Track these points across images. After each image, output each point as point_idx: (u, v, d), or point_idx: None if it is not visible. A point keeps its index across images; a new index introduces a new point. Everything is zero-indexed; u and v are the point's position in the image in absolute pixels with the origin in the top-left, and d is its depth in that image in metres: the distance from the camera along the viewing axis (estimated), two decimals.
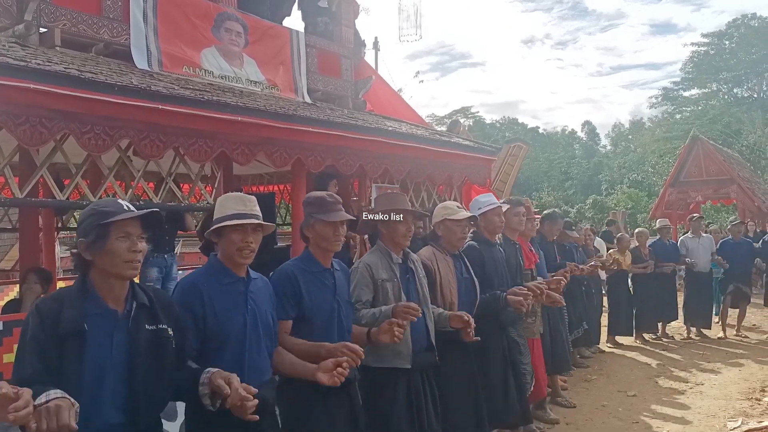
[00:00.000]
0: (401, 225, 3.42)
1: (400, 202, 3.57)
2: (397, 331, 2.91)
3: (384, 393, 3.26)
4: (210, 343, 2.49)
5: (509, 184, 12.32)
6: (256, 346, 2.59)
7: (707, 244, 9.60)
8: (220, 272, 2.61)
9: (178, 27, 5.73)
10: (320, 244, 2.98)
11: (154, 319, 2.20)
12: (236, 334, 2.53)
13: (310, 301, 2.88)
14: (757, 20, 38.26)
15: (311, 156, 5.43)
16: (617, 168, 43.29)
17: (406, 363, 3.27)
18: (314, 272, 2.97)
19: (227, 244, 2.58)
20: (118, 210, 2.14)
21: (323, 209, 2.96)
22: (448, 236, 3.94)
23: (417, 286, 3.50)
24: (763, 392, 6.37)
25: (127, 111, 4.17)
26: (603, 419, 5.76)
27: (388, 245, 3.46)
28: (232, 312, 2.55)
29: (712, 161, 17.11)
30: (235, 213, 2.58)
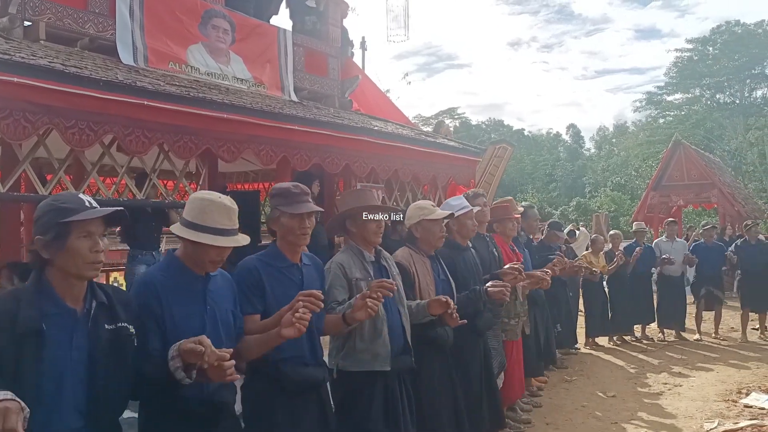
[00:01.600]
0: (371, 223, 3.28)
1: (369, 198, 3.42)
2: (371, 303, 2.76)
3: (361, 397, 3.15)
4: (168, 345, 2.28)
5: (494, 185, 12.37)
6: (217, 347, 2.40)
7: (681, 248, 9.75)
8: (179, 270, 2.44)
9: (165, 23, 5.71)
10: (287, 238, 2.84)
11: (114, 318, 2.09)
12: (194, 335, 2.28)
13: (273, 297, 2.74)
14: (740, 27, 38.76)
15: (297, 154, 5.45)
16: (601, 171, 43.67)
17: (384, 365, 3.16)
18: (279, 267, 2.83)
19: (200, 254, 2.41)
20: (80, 206, 2.00)
21: (289, 201, 2.82)
22: (427, 236, 3.80)
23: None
24: (740, 394, 6.46)
25: (112, 106, 4.16)
26: (582, 419, 5.82)
27: (359, 244, 3.32)
28: (190, 312, 2.39)
29: (693, 166, 17.34)
30: (221, 228, 2.40)
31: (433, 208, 3.86)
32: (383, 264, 3.40)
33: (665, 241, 9.81)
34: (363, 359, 3.15)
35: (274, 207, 2.87)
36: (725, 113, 38.44)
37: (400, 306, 3.34)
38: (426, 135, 8.53)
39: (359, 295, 2.85)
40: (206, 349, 2.05)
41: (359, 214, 3.28)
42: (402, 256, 3.74)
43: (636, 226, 10.19)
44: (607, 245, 9.45)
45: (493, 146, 12.96)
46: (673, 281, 9.60)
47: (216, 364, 2.07)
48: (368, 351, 3.12)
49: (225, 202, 2.47)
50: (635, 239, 9.82)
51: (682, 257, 9.58)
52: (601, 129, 57.03)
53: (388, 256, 3.49)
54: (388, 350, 3.16)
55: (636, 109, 46.34)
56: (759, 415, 5.74)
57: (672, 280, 9.58)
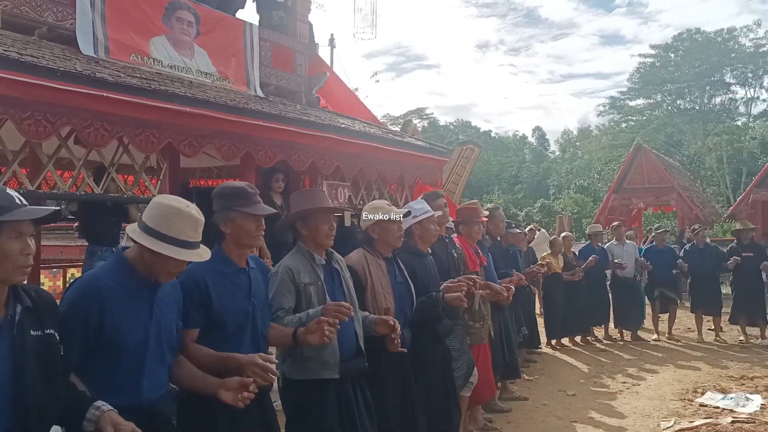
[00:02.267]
0: (323, 224, 3.14)
1: (320, 199, 3.29)
2: (328, 331, 2.67)
3: (312, 407, 3.00)
4: (104, 354, 2.17)
5: (461, 186, 12.42)
6: (158, 359, 2.29)
7: (631, 250, 9.95)
8: (128, 275, 2.27)
9: (127, 14, 5.58)
10: (241, 240, 2.69)
11: (40, 324, 1.91)
12: (136, 345, 2.21)
13: (220, 306, 2.59)
14: (700, 35, 39.71)
15: (261, 150, 5.37)
16: (565, 173, 44.28)
17: (333, 373, 3.00)
18: (226, 273, 2.67)
19: (158, 264, 2.25)
20: (11, 205, 1.81)
21: (246, 201, 2.68)
22: (385, 237, 3.65)
23: (344, 288, 3.24)
24: (695, 393, 6.62)
25: (70, 98, 4.04)
26: (543, 418, 5.88)
27: (309, 246, 3.17)
28: (134, 321, 2.22)
29: (653, 169, 17.71)
30: (185, 240, 2.25)
31: (389, 207, 3.71)
32: (335, 266, 3.27)
33: (615, 244, 10.00)
34: (311, 367, 3.01)
35: (228, 207, 2.69)
36: (685, 119, 39.36)
37: (353, 311, 3.16)
38: (393, 134, 8.52)
39: (316, 320, 2.73)
40: None
41: (310, 215, 3.16)
42: (356, 259, 3.59)
43: (590, 229, 10.40)
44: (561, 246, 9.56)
45: (460, 147, 13.02)
46: (627, 283, 9.79)
47: None
48: (316, 359, 2.99)
49: (192, 212, 2.31)
50: (590, 241, 10.01)
51: (633, 259, 9.78)
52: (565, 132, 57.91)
53: (339, 259, 3.36)
54: (337, 358, 3.02)
55: (599, 113, 47.16)
56: (713, 414, 5.88)
57: (626, 282, 9.78)
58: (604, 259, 9.70)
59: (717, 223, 21.09)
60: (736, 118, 40.11)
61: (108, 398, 2.11)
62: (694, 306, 9.89)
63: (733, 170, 33.49)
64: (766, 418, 5.66)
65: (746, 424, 5.48)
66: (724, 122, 38.15)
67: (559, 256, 9.22)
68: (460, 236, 5.10)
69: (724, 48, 38.35)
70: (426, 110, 54.72)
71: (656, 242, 10.23)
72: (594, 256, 9.40)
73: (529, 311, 8.16)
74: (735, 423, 5.52)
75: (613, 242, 10.12)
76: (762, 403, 6.11)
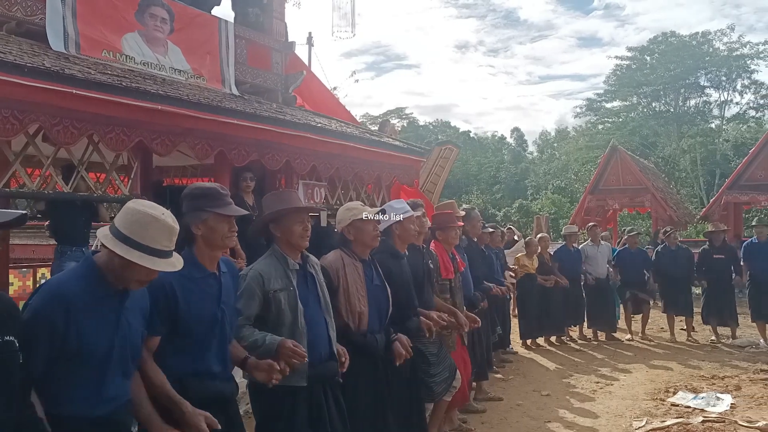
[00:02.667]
0: (296, 225, 3.07)
1: (292, 199, 3.22)
2: (275, 378, 2.65)
3: (281, 414, 2.94)
4: (63, 363, 2.09)
5: (439, 186, 12.45)
6: (120, 370, 2.23)
7: (605, 251, 10.05)
8: (95, 281, 2.19)
9: (99, 9, 5.50)
10: (214, 242, 2.62)
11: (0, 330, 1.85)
12: (100, 355, 2.14)
13: (187, 313, 2.51)
14: (675, 38, 40.22)
15: (235, 149, 5.32)
16: (543, 174, 44.55)
17: (301, 380, 2.95)
18: (195, 278, 2.58)
19: (129, 272, 2.18)
20: None
21: (218, 202, 2.62)
22: (361, 237, 3.60)
23: (318, 292, 3.18)
24: (667, 393, 6.68)
25: (38, 94, 3.97)
26: (517, 418, 5.90)
27: (283, 249, 3.09)
28: (100, 330, 2.15)
29: (628, 171, 17.92)
30: (159, 249, 2.19)
31: (363, 207, 3.68)
32: (309, 271, 3.20)
33: (590, 245, 10.08)
34: None
35: (199, 208, 2.61)
36: (660, 121, 39.83)
37: (326, 315, 3.18)
38: (370, 134, 8.50)
39: (267, 362, 2.69)
40: None
41: (282, 216, 3.09)
42: (331, 260, 3.54)
43: (566, 230, 10.49)
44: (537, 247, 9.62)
45: (439, 147, 13.04)
46: (600, 284, 9.88)
47: None
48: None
49: (168, 220, 2.25)
50: (565, 242, 10.09)
51: (607, 260, 9.88)
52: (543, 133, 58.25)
53: (315, 262, 3.29)
54: (306, 365, 2.93)
55: (576, 114, 47.49)
56: (685, 413, 5.94)
57: (599, 283, 9.87)
58: (579, 260, 9.78)
59: (691, 224, 21.39)
60: (709, 121, 40.67)
61: (66, 408, 2.07)
62: (667, 307, 10.01)
63: (706, 172, 33.98)
64: (735, 417, 5.74)
65: (716, 424, 5.54)
66: (698, 125, 38.70)
67: (533, 257, 9.27)
68: (437, 242, 5.05)
69: (698, 51, 38.89)
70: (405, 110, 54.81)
71: (629, 244, 10.34)
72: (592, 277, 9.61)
73: (503, 312, 8.19)
74: (705, 422, 5.58)
75: (588, 243, 10.19)
76: (732, 403, 6.20)
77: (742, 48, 38.39)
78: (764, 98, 39.47)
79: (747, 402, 6.27)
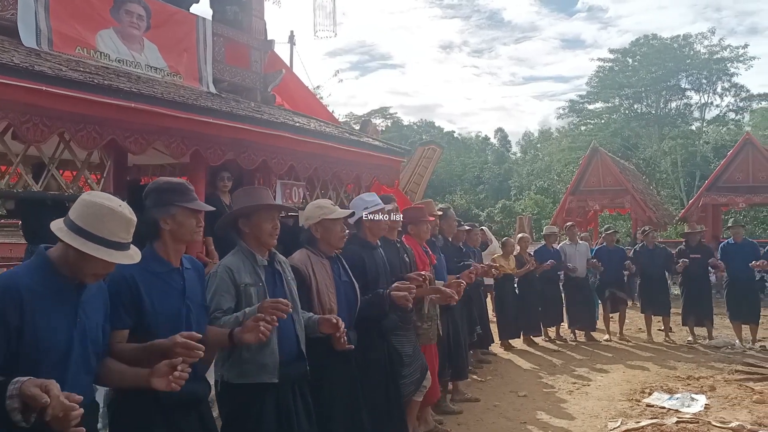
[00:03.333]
0: (266, 222, 3.06)
1: (263, 196, 3.20)
2: (264, 328, 2.58)
3: (249, 412, 2.93)
4: (22, 360, 2.02)
5: (422, 186, 12.45)
6: (83, 367, 2.17)
7: (584, 250, 10.11)
8: (49, 274, 2.13)
9: (73, 5, 5.40)
10: (181, 237, 2.61)
11: None
12: (58, 351, 2.08)
13: (152, 307, 2.48)
14: (657, 41, 40.59)
15: (210, 148, 5.26)
16: (526, 175, 44.77)
17: (272, 377, 2.94)
18: (158, 273, 2.56)
19: (84, 265, 2.13)
20: None
21: (186, 197, 2.61)
22: (328, 236, 3.61)
23: (285, 289, 3.15)
24: (643, 393, 6.73)
25: (6, 91, 3.88)
26: (493, 419, 5.91)
27: (251, 245, 3.09)
28: (56, 325, 2.09)
29: (609, 172, 18.07)
30: (115, 242, 2.15)
31: (333, 207, 3.69)
32: (277, 268, 3.19)
33: (568, 244, 10.14)
34: (249, 370, 2.94)
35: (168, 203, 2.59)
36: (642, 123, 40.17)
37: (294, 313, 3.13)
38: (350, 133, 8.46)
39: (252, 317, 2.64)
40: (52, 401, 1.76)
41: (252, 213, 3.09)
42: (299, 259, 3.53)
43: (547, 230, 10.58)
44: (516, 248, 9.65)
45: (422, 147, 13.06)
46: (579, 283, 9.95)
47: (62, 415, 1.80)
48: (254, 362, 2.92)
49: (125, 212, 2.21)
50: (545, 242, 10.14)
51: (585, 259, 9.94)
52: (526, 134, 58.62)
53: (283, 260, 3.29)
54: (276, 361, 2.95)
55: (559, 116, 47.72)
56: (659, 414, 5.99)
57: (578, 282, 9.93)
58: (558, 259, 9.84)
59: (670, 225, 21.60)
60: (690, 123, 41.10)
61: None
62: (644, 307, 10.08)
63: (687, 173, 34.34)
64: (709, 417, 5.79)
65: (690, 424, 5.59)
66: (679, 126, 39.07)
67: (510, 257, 9.30)
68: (408, 236, 5.08)
69: (679, 54, 39.27)
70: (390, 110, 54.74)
71: (606, 242, 10.40)
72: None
73: (481, 312, 8.20)
74: (680, 423, 5.63)
75: (566, 242, 10.25)
76: (706, 403, 6.26)
77: (723, 51, 38.88)
78: (744, 101, 39.99)
79: (721, 402, 6.33)
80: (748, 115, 40.42)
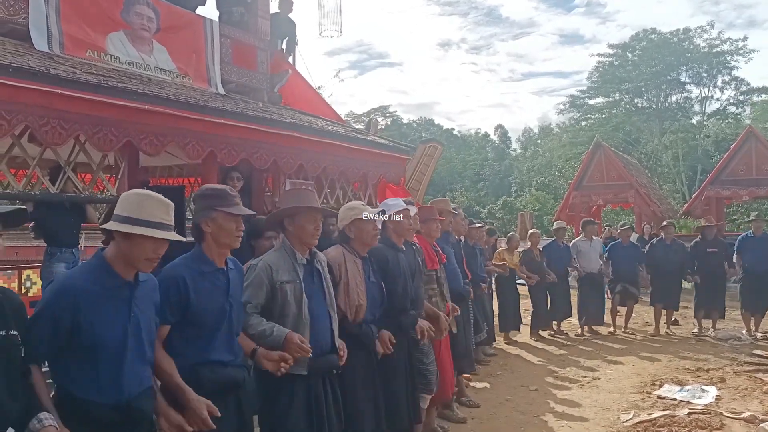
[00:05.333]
0: (309, 223, 3.25)
1: (309, 199, 3.40)
2: (284, 368, 2.90)
3: (281, 398, 3.11)
4: (82, 353, 2.25)
5: (424, 184, 12.47)
6: (138, 357, 2.37)
7: (597, 247, 10.13)
8: (105, 274, 2.33)
9: (83, 8, 5.43)
10: (221, 240, 2.77)
11: (5, 324, 1.97)
12: (115, 343, 2.28)
13: (198, 304, 2.67)
14: (656, 35, 40.56)
15: (225, 149, 5.30)
16: (526, 171, 44.78)
17: (302, 369, 3.11)
18: (205, 273, 2.75)
19: (137, 251, 2.32)
20: None
21: (227, 202, 2.78)
22: (360, 236, 3.82)
23: (324, 287, 3.36)
24: (654, 386, 6.77)
25: (23, 95, 3.93)
26: (506, 413, 5.95)
27: (293, 244, 3.27)
28: (112, 321, 2.29)
29: (612, 167, 18.07)
30: (159, 222, 2.35)
31: (364, 207, 3.89)
32: (316, 267, 3.36)
33: (583, 240, 10.15)
34: None
35: (209, 207, 2.77)
36: (643, 117, 40.18)
37: (330, 309, 3.35)
38: (357, 132, 8.50)
39: (279, 353, 2.92)
40: None
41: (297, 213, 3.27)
42: (334, 255, 3.73)
43: (556, 225, 10.58)
44: (525, 243, 9.68)
45: (423, 145, 13.06)
46: (593, 278, 9.96)
47: None
48: None
49: (161, 197, 2.43)
50: (555, 238, 10.17)
51: (598, 255, 9.97)
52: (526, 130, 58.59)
53: (322, 259, 3.47)
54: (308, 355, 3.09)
55: (560, 111, 47.71)
56: (671, 405, 6.03)
57: (591, 277, 9.95)
58: (567, 255, 9.86)
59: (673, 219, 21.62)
60: (691, 117, 41.09)
61: (89, 396, 2.23)
62: (654, 299, 10.07)
63: (688, 167, 34.34)
64: (720, 408, 5.83)
65: (702, 416, 5.62)
66: (679, 120, 39.05)
67: (514, 252, 9.34)
68: (419, 235, 5.13)
69: (679, 48, 39.25)
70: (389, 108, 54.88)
71: (621, 238, 10.38)
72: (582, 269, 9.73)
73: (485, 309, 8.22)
74: (691, 414, 5.67)
75: (581, 238, 10.27)
76: (717, 395, 6.30)
77: (722, 44, 38.83)
78: (744, 94, 39.96)
79: (732, 394, 6.37)
80: (749, 108, 40.35)
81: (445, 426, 5.45)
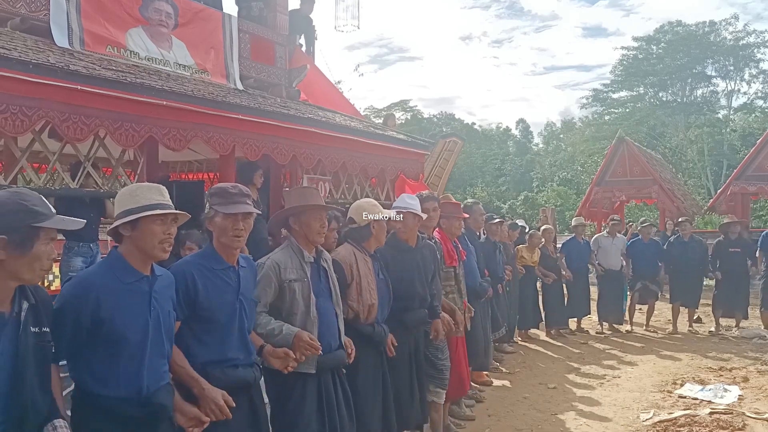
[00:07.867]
0: (315, 222, 3.25)
1: (313, 197, 3.38)
2: (291, 365, 2.92)
3: (293, 396, 3.12)
4: (104, 348, 2.27)
5: (444, 179, 12.41)
6: (157, 351, 2.39)
7: (620, 244, 9.98)
8: (123, 270, 2.36)
9: (103, 5, 5.49)
10: (220, 239, 2.78)
11: (39, 322, 1.99)
12: (136, 339, 2.31)
13: (207, 301, 2.69)
14: (681, 27, 39.90)
15: (246, 144, 5.32)
16: (548, 166, 44.41)
17: (310, 368, 3.12)
18: (215, 270, 2.76)
19: (147, 237, 2.35)
20: (48, 211, 1.99)
21: (225, 201, 2.78)
22: (380, 235, 3.86)
23: (330, 285, 3.37)
24: (674, 385, 6.68)
25: (44, 90, 3.96)
26: (524, 411, 5.90)
27: (300, 242, 3.27)
28: (133, 316, 2.31)
29: (636, 162, 17.78)
30: (156, 203, 2.38)
31: (376, 207, 3.87)
32: (323, 265, 3.36)
33: (606, 236, 10.02)
34: None
35: (211, 207, 2.81)
36: (667, 111, 39.60)
37: (337, 307, 3.37)
38: (375, 127, 8.48)
39: (285, 350, 2.93)
40: None
41: (302, 211, 3.25)
42: (344, 255, 3.71)
43: (575, 221, 10.44)
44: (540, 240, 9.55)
45: (443, 140, 12.98)
46: (614, 275, 9.83)
47: None
48: None
49: (150, 184, 2.50)
50: (574, 234, 10.04)
51: (620, 253, 9.85)
52: (548, 124, 58.03)
53: (328, 257, 3.47)
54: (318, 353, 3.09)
55: (582, 105, 47.22)
56: (692, 405, 5.94)
57: (612, 274, 9.82)
58: (587, 252, 9.75)
59: (698, 215, 21.29)
60: (717, 111, 40.41)
61: (109, 390, 2.26)
62: (673, 297, 9.92)
63: (713, 162, 33.80)
64: (743, 408, 5.73)
65: (724, 416, 5.53)
66: (705, 114, 38.42)
67: (535, 250, 9.23)
68: (441, 230, 5.10)
69: (705, 41, 38.60)
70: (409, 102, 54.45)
71: (642, 235, 10.22)
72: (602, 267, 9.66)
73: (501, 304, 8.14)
74: (713, 414, 5.58)
75: (604, 234, 10.14)
76: (739, 395, 6.19)
77: (749, 37, 38.15)
78: None
79: (755, 393, 6.26)
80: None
81: (461, 424, 5.42)
